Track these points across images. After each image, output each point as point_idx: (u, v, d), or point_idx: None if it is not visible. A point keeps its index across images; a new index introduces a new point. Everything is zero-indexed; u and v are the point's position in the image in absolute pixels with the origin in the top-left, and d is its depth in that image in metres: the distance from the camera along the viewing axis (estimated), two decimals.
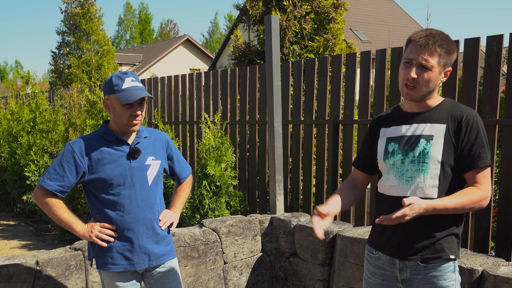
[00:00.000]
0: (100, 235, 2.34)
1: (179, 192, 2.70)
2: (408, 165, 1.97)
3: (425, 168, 1.92)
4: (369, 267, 2.15)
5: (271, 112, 4.09)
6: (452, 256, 1.94)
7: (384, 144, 2.08)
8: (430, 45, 1.87)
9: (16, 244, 6.16)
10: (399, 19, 26.08)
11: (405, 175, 1.97)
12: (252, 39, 6.50)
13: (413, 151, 1.96)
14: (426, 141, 1.94)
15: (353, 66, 4.19)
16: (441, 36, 1.91)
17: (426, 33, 1.91)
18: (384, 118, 2.15)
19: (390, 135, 2.07)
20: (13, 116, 7.78)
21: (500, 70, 3.22)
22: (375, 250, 2.11)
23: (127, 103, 2.28)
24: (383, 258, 2.07)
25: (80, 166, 2.31)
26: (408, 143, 1.99)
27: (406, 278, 1.99)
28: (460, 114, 1.92)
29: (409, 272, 1.98)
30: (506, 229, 3.19)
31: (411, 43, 1.93)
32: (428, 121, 1.97)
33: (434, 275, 1.94)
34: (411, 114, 2.03)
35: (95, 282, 3.18)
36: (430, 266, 1.94)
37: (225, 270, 3.77)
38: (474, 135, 1.89)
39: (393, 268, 2.03)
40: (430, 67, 1.88)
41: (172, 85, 6.21)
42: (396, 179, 2.00)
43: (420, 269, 1.95)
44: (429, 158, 1.92)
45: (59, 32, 14.02)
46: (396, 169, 2.01)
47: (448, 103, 2.00)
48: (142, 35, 56.58)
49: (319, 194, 4.47)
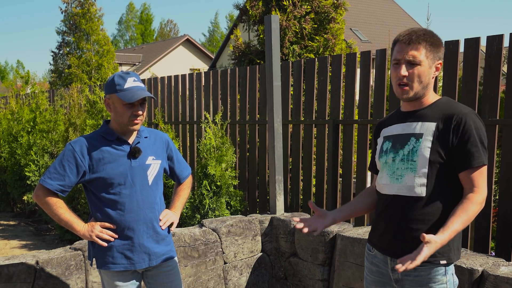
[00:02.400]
0: (100, 234, 2.35)
1: (179, 192, 2.70)
2: (398, 163, 1.98)
3: (413, 166, 1.92)
4: (368, 264, 2.17)
5: (271, 112, 4.09)
6: (442, 261, 1.92)
7: (381, 143, 2.11)
8: (413, 40, 1.90)
9: (16, 244, 6.16)
10: (399, 19, 26.07)
11: (396, 173, 1.98)
12: (252, 39, 6.50)
13: (403, 149, 1.97)
14: (416, 139, 1.94)
15: (353, 66, 4.19)
16: (424, 31, 1.93)
17: (409, 31, 1.95)
18: (386, 120, 2.19)
19: (386, 134, 2.10)
20: (13, 116, 7.78)
21: (500, 70, 3.22)
22: (372, 248, 2.13)
23: (128, 102, 2.28)
24: (378, 256, 2.09)
25: (81, 166, 2.31)
26: (399, 141, 2.00)
27: (398, 278, 2.00)
28: (452, 113, 1.90)
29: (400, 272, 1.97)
30: (506, 229, 3.19)
31: (397, 44, 1.96)
32: (420, 119, 1.97)
33: (424, 277, 1.93)
34: (406, 112, 2.04)
35: (95, 282, 3.18)
36: (420, 268, 1.92)
37: (225, 270, 3.77)
38: (466, 134, 1.86)
39: (386, 266, 2.05)
40: (418, 62, 1.89)
41: (172, 85, 6.21)
42: (388, 177, 2.02)
43: (411, 271, 1.94)
44: (417, 156, 1.91)
45: (59, 32, 14.02)
46: (388, 167, 2.02)
47: (443, 102, 1.98)
48: (143, 35, 56.59)
49: (319, 194, 4.47)
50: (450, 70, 3.45)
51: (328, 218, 2.12)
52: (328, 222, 2.11)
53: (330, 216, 2.13)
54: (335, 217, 2.14)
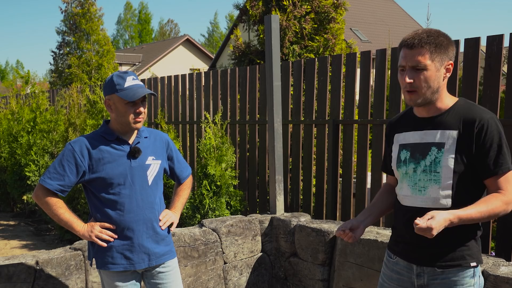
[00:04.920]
0: (100, 235, 2.34)
1: (179, 192, 2.70)
2: (420, 174, 1.90)
3: (437, 177, 1.85)
4: (387, 271, 2.11)
5: (271, 112, 4.09)
6: (473, 263, 1.88)
7: (397, 151, 2.04)
8: (416, 45, 1.82)
9: (16, 244, 6.16)
10: (399, 19, 26.08)
11: (418, 185, 1.91)
12: (252, 39, 6.49)
13: (424, 159, 1.89)
14: (437, 149, 1.86)
15: (353, 66, 4.19)
16: (428, 33, 1.84)
17: (413, 34, 1.86)
18: (397, 123, 2.10)
19: (402, 142, 2.02)
20: (13, 116, 7.77)
21: (500, 70, 3.22)
22: (394, 255, 2.07)
23: (131, 101, 2.28)
24: (401, 263, 2.03)
25: (81, 166, 2.31)
26: (419, 151, 1.92)
27: (423, 283, 1.94)
28: (473, 119, 1.82)
29: (426, 277, 1.93)
30: (506, 229, 3.19)
31: (402, 48, 1.88)
32: (439, 127, 1.88)
33: (452, 280, 1.88)
34: (422, 119, 1.95)
35: (95, 282, 3.18)
36: (448, 271, 1.88)
37: (225, 270, 3.77)
38: (489, 140, 1.80)
39: (410, 273, 1.98)
40: (423, 67, 1.81)
41: (172, 85, 6.21)
42: (409, 188, 1.95)
43: (438, 274, 1.90)
44: (441, 167, 1.84)
45: (59, 32, 14.01)
46: (409, 178, 1.95)
47: (461, 106, 1.89)
48: (140, 35, 56.59)
49: (319, 194, 4.47)
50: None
51: (361, 228, 2.07)
52: (362, 232, 2.07)
53: (362, 225, 2.07)
54: (366, 225, 2.10)
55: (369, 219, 2.12)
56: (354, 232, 2.04)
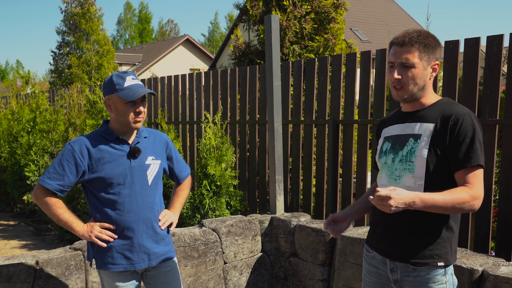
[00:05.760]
0: (100, 235, 2.34)
1: (178, 192, 2.70)
2: (397, 164, 1.98)
3: (411, 167, 1.93)
4: (366, 265, 2.18)
5: (271, 112, 4.08)
6: (440, 263, 1.92)
7: (381, 143, 2.12)
8: (406, 43, 1.90)
9: (16, 244, 6.16)
10: (399, 19, 26.07)
11: (394, 174, 1.99)
12: (252, 39, 6.49)
13: (402, 150, 1.98)
14: (414, 140, 1.94)
15: (353, 66, 4.19)
16: (418, 33, 1.93)
17: (403, 33, 1.95)
18: (386, 119, 2.19)
19: (386, 134, 2.10)
20: (13, 116, 7.77)
21: (500, 70, 3.22)
22: (371, 249, 2.14)
23: (131, 100, 2.29)
24: (377, 257, 2.09)
25: (80, 166, 2.31)
26: (399, 142, 2.01)
27: (397, 278, 2.00)
28: (450, 114, 1.89)
29: (399, 273, 1.99)
30: (506, 229, 3.19)
31: (392, 46, 1.97)
32: (419, 120, 1.97)
33: (424, 278, 1.94)
34: (406, 113, 2.05)
35: (95, 282, 3.18)
36: (420, 269, 1.94)
37: (225, 270, 3.77)
38: (462, 135, 1.85)
39: (385, 267, 2.05)
40: (411, 65, 1.90)
41: (172, 85, 6.21)
42: (387, 177, 2.03)
43: (410, 271, 1.96)
44: (415, 157, 1.91)
45: (59, 31, 14.00)
46: (388, 168, 2.03)
47: (443, 103, 1.98)
48: (141, 35, 56.60)
49: (319, 194, 4.47)
50: (450, 70, 3.44)
51: (348, 220, 2.17)
52: (347, 224, 2.16)
53: (349, 218, 2.17)
54: (352, 217, 2.19)
55: (355, 213, 2.22)
56: (339, 225, 2.14)
